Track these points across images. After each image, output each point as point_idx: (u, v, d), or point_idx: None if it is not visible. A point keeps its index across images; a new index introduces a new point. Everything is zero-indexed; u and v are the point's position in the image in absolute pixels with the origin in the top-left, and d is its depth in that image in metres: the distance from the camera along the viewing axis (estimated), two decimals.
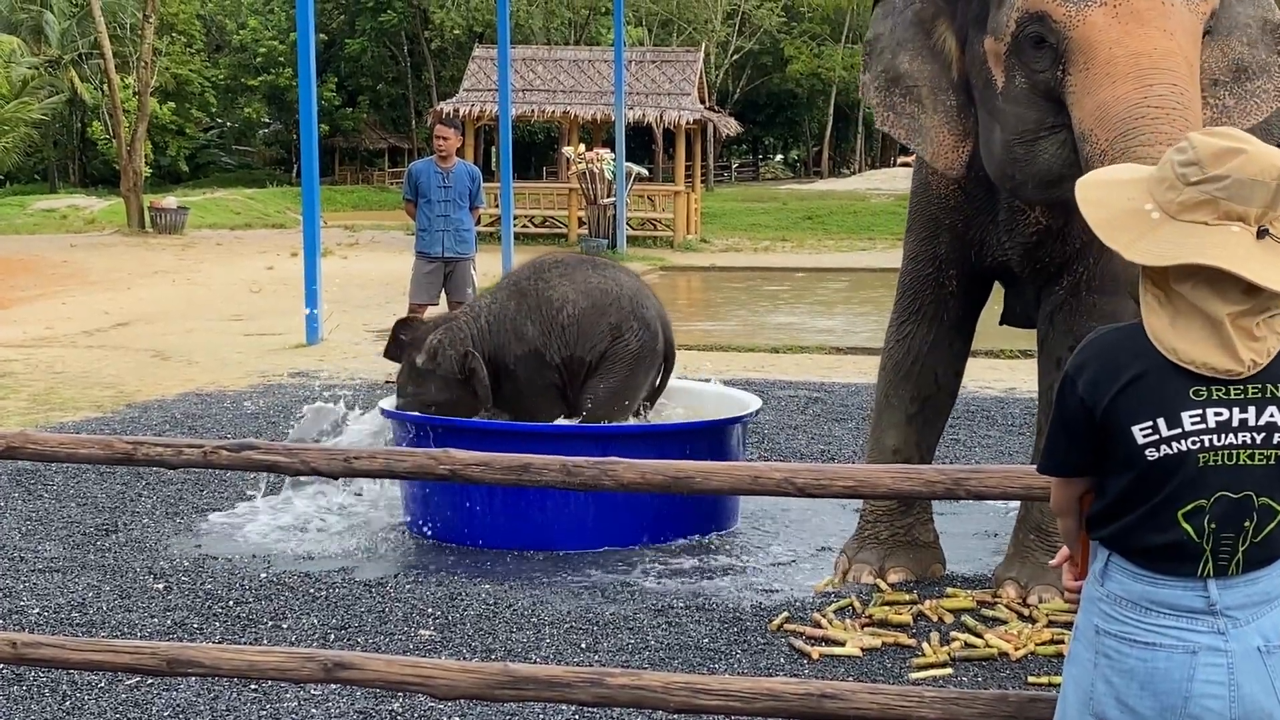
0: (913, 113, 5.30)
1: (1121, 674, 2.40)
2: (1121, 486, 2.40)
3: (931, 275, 5.83)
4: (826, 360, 12.42)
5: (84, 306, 16.97)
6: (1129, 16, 4.51)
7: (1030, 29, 4.71)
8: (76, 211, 34.88)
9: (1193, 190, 2.33)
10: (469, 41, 44.90)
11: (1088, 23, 4.56)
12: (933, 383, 5.91)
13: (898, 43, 5.32)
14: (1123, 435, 2.36)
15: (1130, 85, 4.41)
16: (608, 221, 26.41)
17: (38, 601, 5.52)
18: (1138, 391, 2.35)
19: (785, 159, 73.52)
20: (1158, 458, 2.35)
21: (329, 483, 6.82)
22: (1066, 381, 2.43)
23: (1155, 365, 2.35)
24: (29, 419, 9.34)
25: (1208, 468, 2.34)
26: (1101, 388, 2.38)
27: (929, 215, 5.79)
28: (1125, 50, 4.47)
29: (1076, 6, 4.58)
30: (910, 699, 3.24)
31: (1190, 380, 2.33)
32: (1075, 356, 2.45)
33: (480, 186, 11.40)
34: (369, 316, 15.51)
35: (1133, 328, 2.41)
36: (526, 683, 3.41)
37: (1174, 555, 2.37)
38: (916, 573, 5.84)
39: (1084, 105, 4.53)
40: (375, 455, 3.57)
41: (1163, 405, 2.34)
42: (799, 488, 3.27)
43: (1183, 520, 2.36)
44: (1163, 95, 4.37)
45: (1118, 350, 2.40)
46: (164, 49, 45.46)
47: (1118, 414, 2.36)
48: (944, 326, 5.87)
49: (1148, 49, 4.45)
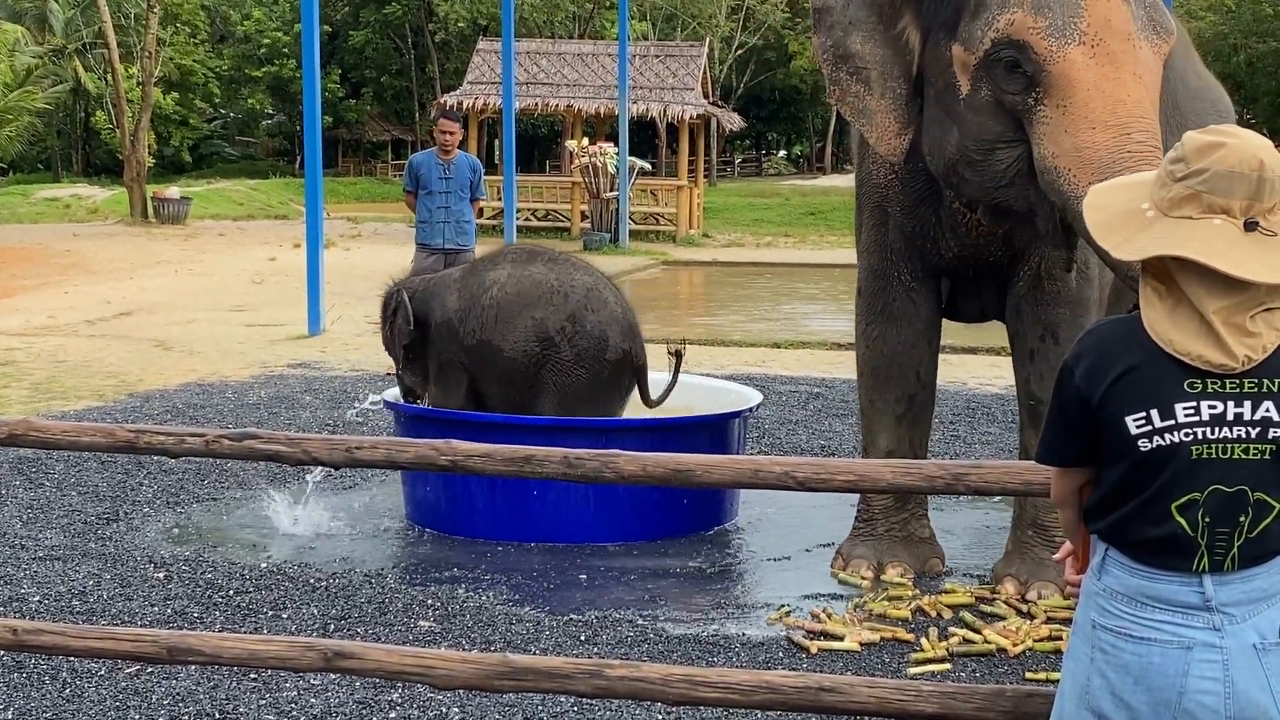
0: (858, 93, 5.32)
1: (1117, 669, 2.41)
2: (1116, 477, 2.41)
3: (886, 270, 5.81)
4: (828, 356, 12.43)
5: (86, 296, 16.98)
6: (1105, 58, 4.67)
7: (1006, 53, 4.81)
8: (79, 201, 34.90)
9: (1179, 186, 2.35)
10: (473, 34, 44.87)
11: (1067, 60, 4.69)
12: (915, 381, 5.90)
13: (850, 21, 5.31)
14: (1117, 425, 2.37)
15: (1111, 134, 4.59)
16: (610, 215, 26.40)
17: (38, 589, 5.53)
18: (1132, 382, 2.36)
19: (788, 155, 73.48)
20: (1150, 449, 2.35)
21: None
22: (1065, 371, 2.45)
23: (1150, 357, 2.36)
24: (31, 407, 9.36)
25: (1201, 460, 2.34)
26: (1096, 377, 2.39)
27: (873, 204, 5.84)
28: (1103, 96, 4.64)
29: (1058, 42, 4.71)
30: (908, 693, 3.25)
31: (1185, 372, 2.34)
32: (1075, 347, 2.47)
33: (481, 178, 11.38)
34: (371, 308, 15.44)
35: (1130, 319, 2.43)
36: (526, 673, 3.42)
37: (1168, 549, 2.38)
38: (915, 568, 5.85)
39: (1060, 142, 4.67)
40: (377, 445, 3.58)
41: (1156, 396, 2.35)
42: (800, 482, 3.28)
43: (1176, 513, 2.36)
44: (1140, 142, 4.56)
45: (1114, 341, 2.41)
46: (168, 39, 45.42)
47: (1112, 404, 2.37)
48: (913, 324, 5.84)
49: (1123, 96, 4.63)
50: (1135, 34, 4.70)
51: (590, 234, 26.07)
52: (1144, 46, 4.71)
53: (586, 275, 6.69)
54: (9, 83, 36.14)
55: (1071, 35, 4.68)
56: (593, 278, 6.70)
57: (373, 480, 7.42)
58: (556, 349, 6.46)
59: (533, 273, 6.61)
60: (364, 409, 8.52)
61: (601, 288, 6.65)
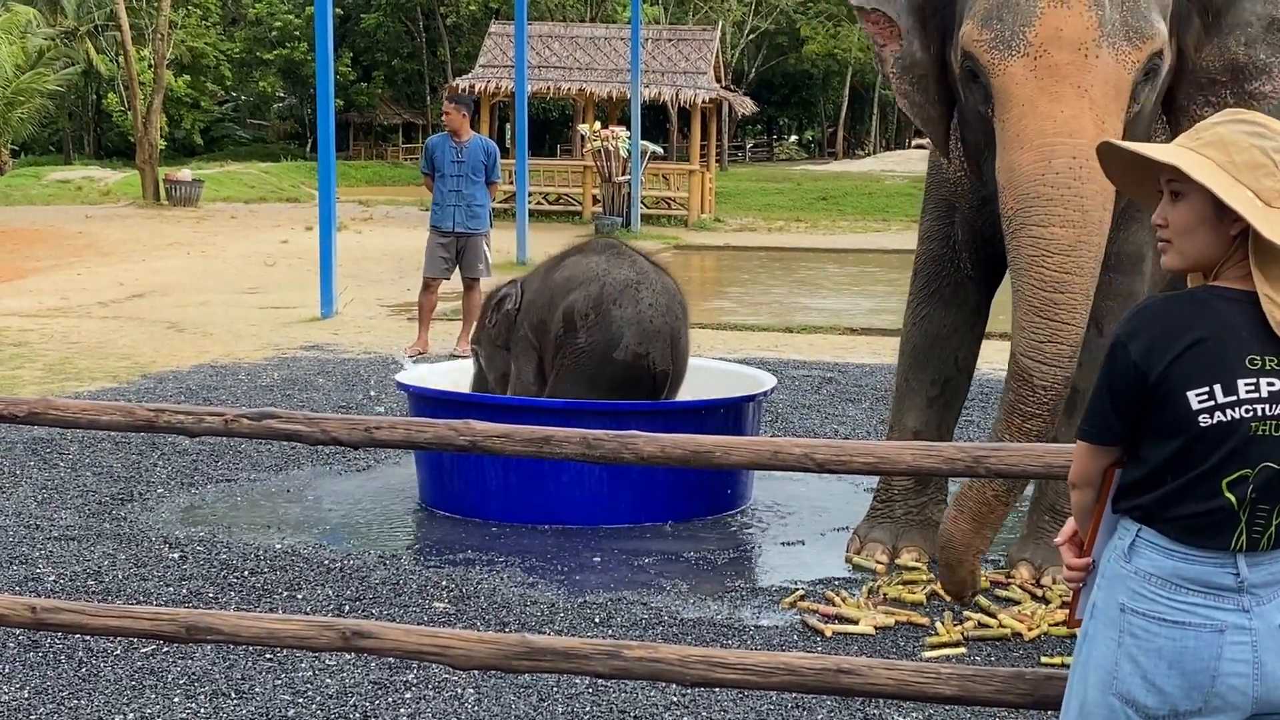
0: (921, 101, 5.31)
1: (1149, 653, 2.40)
2: (1165, 454, 2.40)
3: (946, 256, 5.84)
4: (840, 340, 12.41)
5: (99, 277, 17.00)
6: (1046, 71, 4.57)
7: (967, 64, 4.83)
8: (92, 183, 34.93)
9: None
10: (485, 17, 44.84)
11: (1007, 73, 4.64)
12: (952, 365, 5.91)
13: (908, 29, 5.26)
14: (1176, 400, 2.36)
15: (1034, 155, 4.51)
16: (622, 200, 26.37)
17: (54, 569, 5.54)
18: (1195, 357, 2.36)
19: (800, 139, 73.37)
20: (1210, 424, 2.35)
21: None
22: (1117, 347, 2.42)
23: (1213, 332, 2.36)
24: (45, 388, 9.37)
25: (1256, 437, 2.35)
26: (1156, 353, 2.37)
27: (940, 196, 5.85)
28: (1035, 113, 4.55)
29: (1001, 54, 4.64)
30: (927, 675, 3.24)
31: (1246, 349, 2.35)
32: (1125, 324, 2.44)
33: (496, 161, 11.36)
34: (383, 291, 15.52)
35: (1187, 295, 2.42)
36: (544, 654, 3.41)
37: (1210, 527, 2.38)
38: (930, 553, 5.84)
39: (999, 157, 4.65)
40: (395, 425, 3.58)
41: (1220, 372, 2.35)
42: (819, 463, 3.27)
43: (1226, 489, 2.36)
44: (1059, 172, 4.47)
45: (1173, 317, 2.40)
46: (180, 21, 45.45)
47: (1173, 379, 2.36)
48: (962, 309, 5.88)
49: (1056, 113, 4.51)
50: (1092, 43, 4.55)
51: (602, 218, 26.04)
52: (1104, 56, 4.55)
53: (631, 272, 6.56)
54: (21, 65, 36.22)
55: (1017, 47, 4.60)
56: (638, 276, 6.57)
57: (387, 462, 7.43)
58: (575, 334, 6.48)
59: (590, 261, 6.68)
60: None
61: (642, 287, 6.51)
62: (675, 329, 6.56)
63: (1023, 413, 4.55)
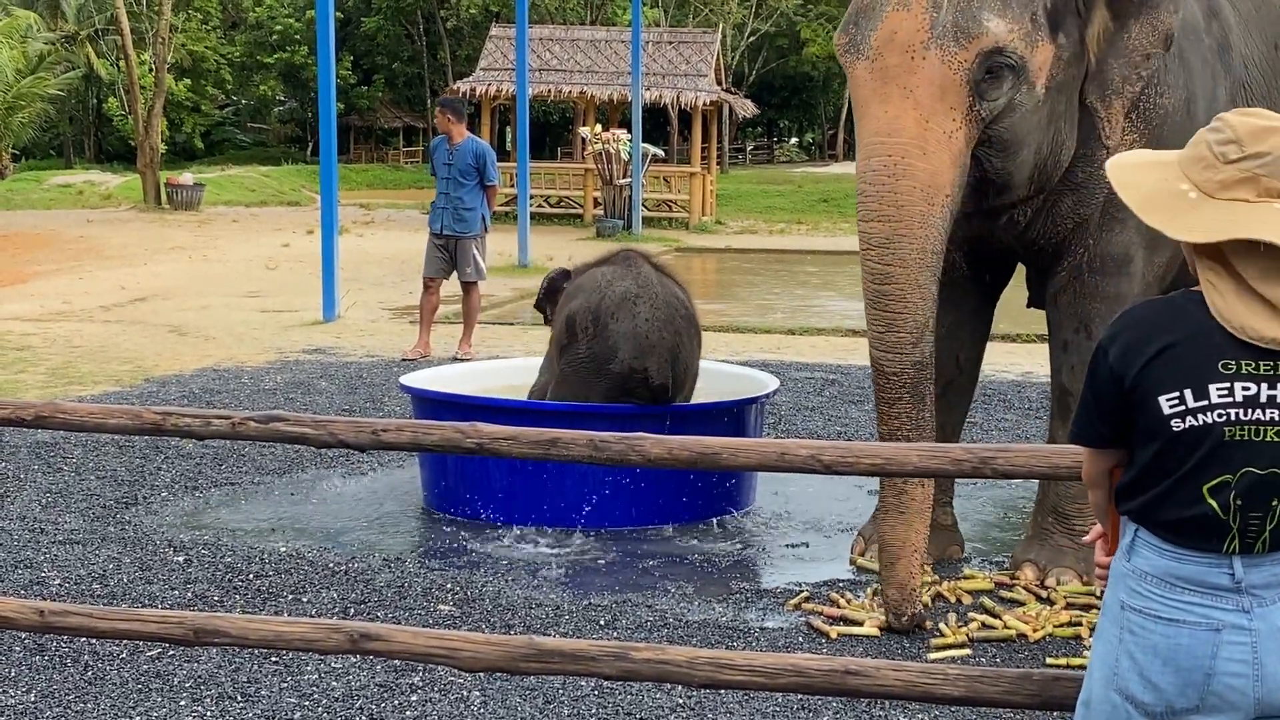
0: None
1: (1145, 650, 2.41)
2: (1148, 458, 2.41)
3: (944, 256, 5.81)
4: (842, 342, 12.41)
5: (101, 281, 17.01)
6: (879, 74, 4.75)
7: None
8: (93, 187, 34.93)
9: (1231, 169, 2.34)
10: (485, 20, 44.81)
11: (854, 76, 4.86)
12: (954, 366, 5.91)
13: None
14: (1149, 405, 2.37)
15: (861, 155, 4.79)
16: (623, 202, 26.35)
17: (59, 573, 5.54)
18: (1166, 362, 2.36)
19: (800, 142, 73.32)
20: (1183, 429, 2.35)
21: None
22: (1099, 352, 2.45)
23: (1185, 337, 2.36)
24: (48, 392, 9.37)
25: (1232, 442, 2.34)
26: (1131, 357, 2.39)
27: None
28: (868, 114, 4.79)
29: (851, 58, 4.84)
30: (934, 676, 3.24)
31: (1219, 354, 2.34)
32: (1109, 328, 2.47)
33: (489, 163, 11.33)
34: (384, 294, 15.52)
35: (1167, 300, 2.43)
36: (551, 656, 3.41)
37: (1199, 530, 2.37)
38: (934, 554, 5.84)
39: None
40: (403, 428, 3.58)
41: (1190, 377, 2.34)
42: (826, 465, 3.27)
43: (1207, 495, 2.36)
44: (875, 170, 4.72)
45: (1150, 322, 2.41)
46: (180, 25, 45.45)
47: (1145, 384, 2.37)
48: (961, 309, 5.87)
49: (881, 114, 4.73)
50: (920, 46, 4.67)
51: (603, 220, 26.04)
52: (930, 58, 4.67)
53: (632, 284, 6.49)
54: (21, 69, 36.23)
55: (864, 51, 4.77)
56: (639, 289, 6.48)
57: (390, 465, 7.43)
58: (576, 342, 6.48)
59: (600, 269, 6.74)
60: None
61: (640, 301, 6.44)
62: (675, 343, 6.49)
63: (884, 399, 4.84)
